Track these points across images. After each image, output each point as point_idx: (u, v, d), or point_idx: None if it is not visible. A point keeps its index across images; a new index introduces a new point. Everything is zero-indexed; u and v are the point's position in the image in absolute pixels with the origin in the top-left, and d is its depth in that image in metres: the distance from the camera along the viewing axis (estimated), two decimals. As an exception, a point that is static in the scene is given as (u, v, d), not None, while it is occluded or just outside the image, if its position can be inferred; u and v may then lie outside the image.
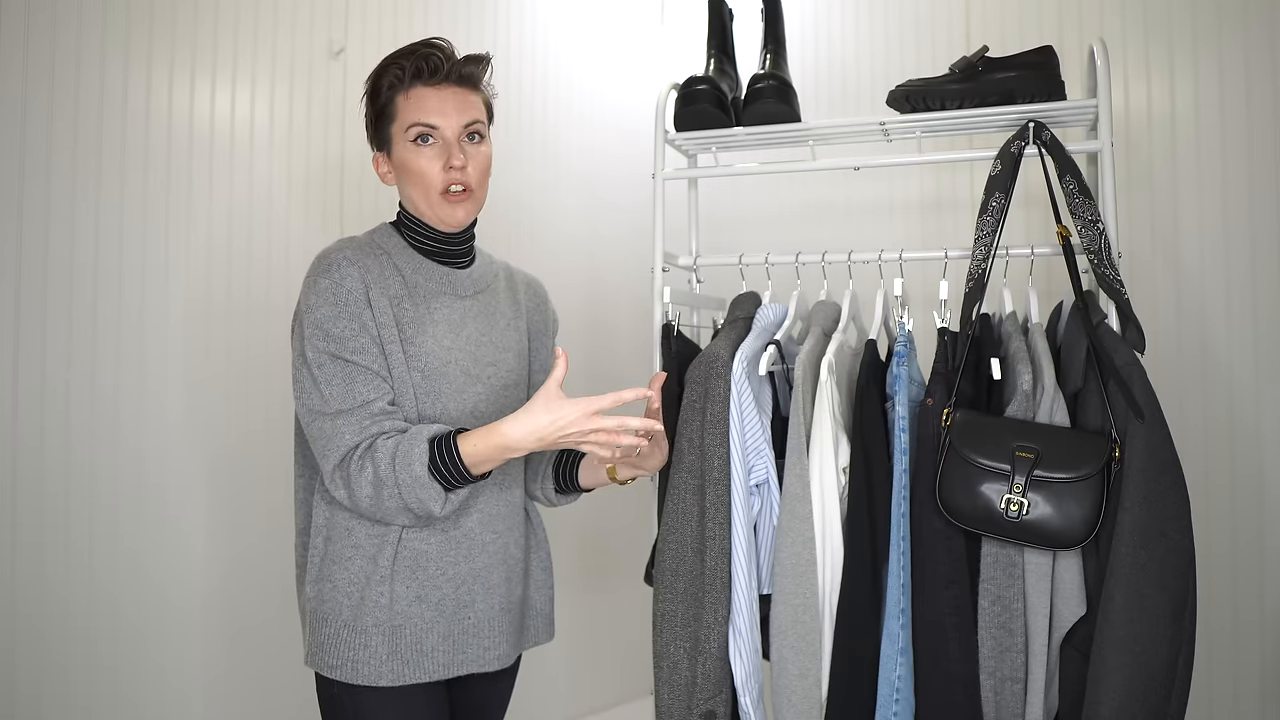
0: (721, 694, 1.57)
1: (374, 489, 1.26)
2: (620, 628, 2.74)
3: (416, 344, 1.35)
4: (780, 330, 1.72)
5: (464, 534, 1.38)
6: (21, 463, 1.69)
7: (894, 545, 1.51)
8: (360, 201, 2.19)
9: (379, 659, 1.31)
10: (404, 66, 1.37)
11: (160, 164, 1.87)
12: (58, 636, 1.72)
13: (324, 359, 1.29)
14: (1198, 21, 2.24)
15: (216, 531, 1.95)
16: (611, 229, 2.85)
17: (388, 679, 1.31)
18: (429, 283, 1.41)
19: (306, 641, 1.38)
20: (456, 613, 1.36)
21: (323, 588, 1.34)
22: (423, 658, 1.33)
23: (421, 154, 1.37)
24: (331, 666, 1.32)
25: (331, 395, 1.28)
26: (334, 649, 1.32)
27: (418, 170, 1.37)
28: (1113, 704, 1.35)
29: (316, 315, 1.30)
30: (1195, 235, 2.23)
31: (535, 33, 2.72)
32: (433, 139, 1.37)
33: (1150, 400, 1.40)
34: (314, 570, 1.36)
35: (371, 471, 1.26)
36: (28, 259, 1.70)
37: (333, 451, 1.28)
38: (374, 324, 1.31)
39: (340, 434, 1.27)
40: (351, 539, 1.34)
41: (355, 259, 1.34)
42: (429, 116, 1.36)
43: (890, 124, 1.82)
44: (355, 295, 1.31)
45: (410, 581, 1.33)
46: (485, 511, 1.40)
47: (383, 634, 1.31)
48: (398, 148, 1.39)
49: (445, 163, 1.36)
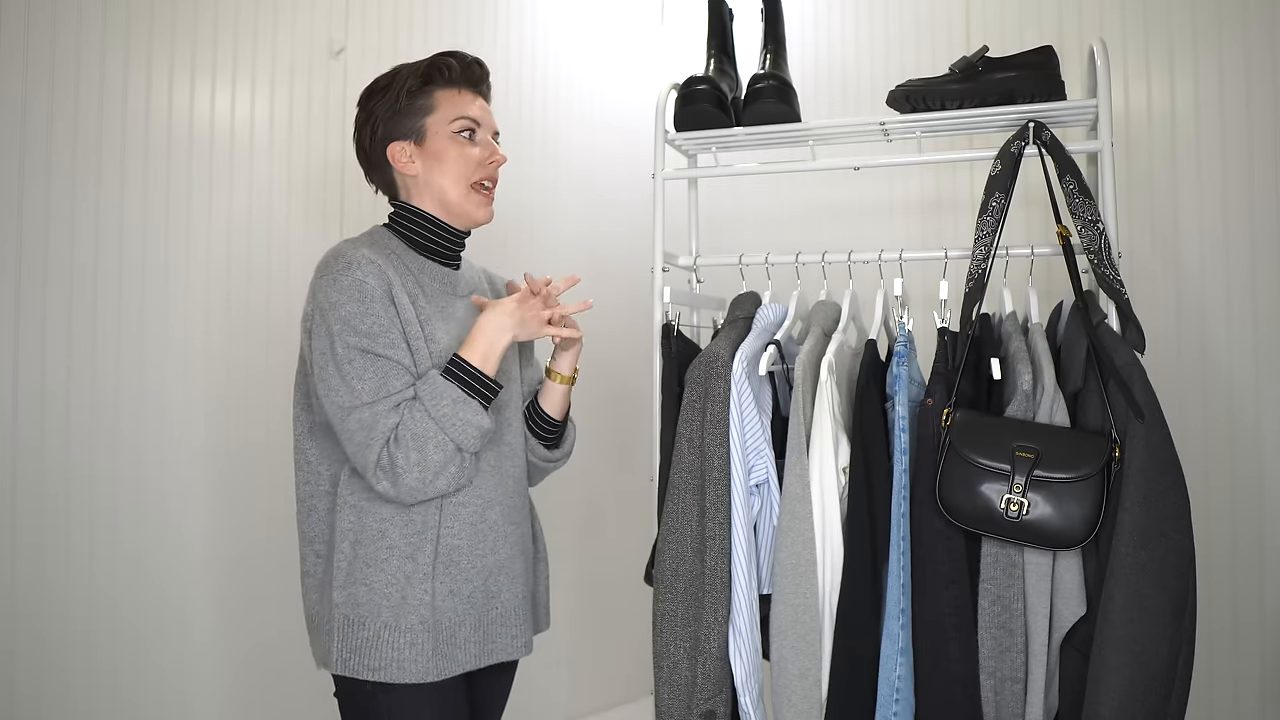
0: (721, 694, 1.57)
1: (418, 450, 1.29)
2: (620, 628, 2.74)
3: (437, 340, 1.39)
4: (780, 330, 1.72)
5: (489, 526, 1.41)
6: (21, 465, 1.69)
7: (894, 545, 1.51)
8: (360, 201, 2.19)
9: (425, 656, 1.33)
10: (452, 66, 1.45)
11: (160, 164, 1.87)
12: (57, 639, 1.72)
13: (354, 354, 1.30)
14: (1198, 21, 2.24)
15: (216, 534, 1.95)
16: (611, 229, 2.85)
17: (433, 674, 1.34)
18: (433, 281, 1.45)
19: (332, 646, 1.35)
20: (486, 603, 1.40)
21: (356, 591, 1.34)
22: (456, 650, 1.37)
23: (466, 146, 1.45)
24: (372, 668, 1.32)
25: (364, 389, 1.30)
26: (373, 651, 1.32)
27: (457, 160, 1.44)
28: (1113, 704, 1.35)
29: (343, 312, 1.31)
30: (1195, 235, 2.23)
31: (535, 33, 2.72)
32: (475, 135, 1.46)
33: (1150, 400, 1.40)
34: (341, 576, 1.35)
35: (409, 435, 1.29)
36: (27, 259, 1.70)
37: (374, 442, 1.29)
38: (399, 319, 1.34)
39: (378, 423, 1.30)
40: (385, 540, 1.34)
41: (371, 257, 1.35)
42: (476, 114, 1.47)
43: (890, 124, 1.82)
44: (379, 291, 1.33)
45: (444, 577, 1.36)
46: (504, 504, 1.44)
47: (426, 630, 1.34)
48: (435, 139, 1.44)
49: (488, 157, 1.46)
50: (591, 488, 2.69)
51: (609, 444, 2.65)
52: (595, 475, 2.64)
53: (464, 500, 1.38)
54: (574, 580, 2.62)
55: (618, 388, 2.61)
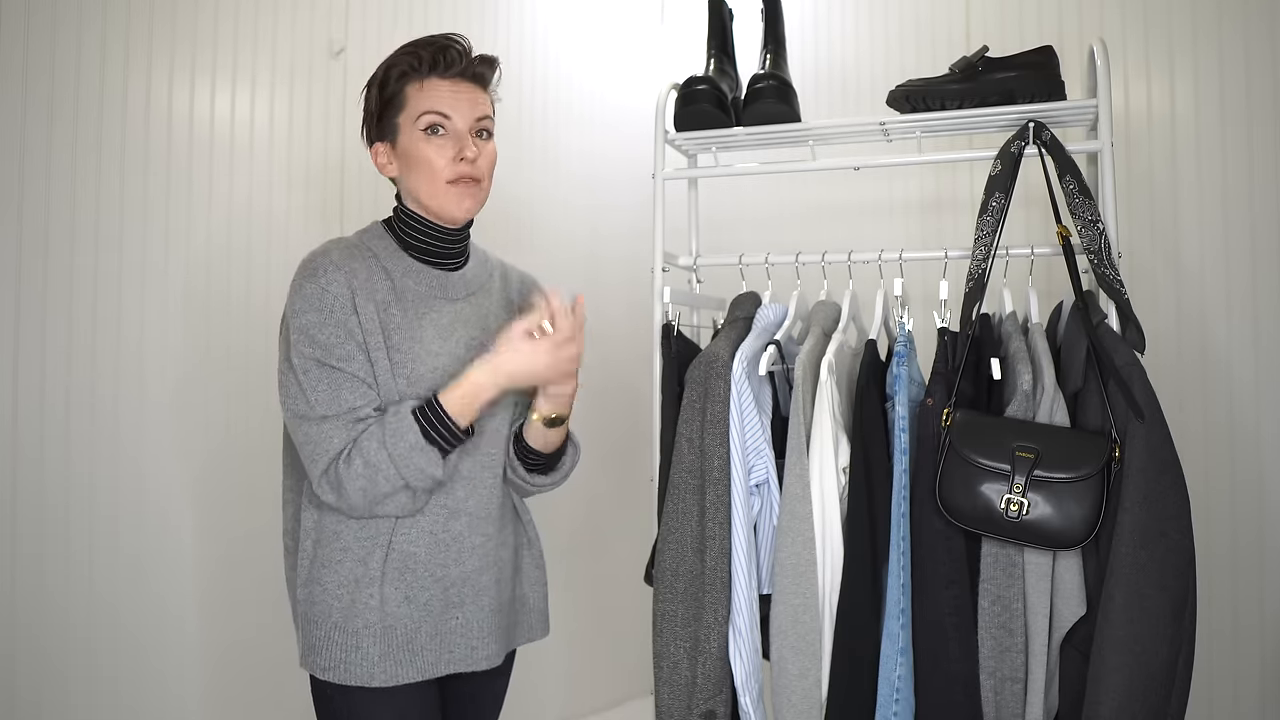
0: (721, 694, 1.57)
1: (367, 479, 1.26)
2: (620, 628, 2.74)
3: (403, 350, 1.34)
4: (780, 330, 1.72)
5: (453, 537, 1.37)
6: (21, 473, 1.68)
7: (894, 545, 1.51)
8: (360, 201, 2.19)
9: (371, 660, 1.31)
10: (420, 56, 1.35)
11: (160, 164, 1.87)
12: (57, 646, 1.72)
13: (310, 365, 1.29)
14: (1198, 21, 2.24)
15: (215, 540, 1.94)
16: (612, 229, 2.85)
17: (380, 679, 1.31)
18: (418, 286, 1.39)
19: (300, 644, 1.38)
20: (444, 613, 1.36)
21: (313, 590, 1.34)
22: (414, 657, 1.34)
23: (432, 143, 1.35)
24: (324, 668, 1.32)
25: (318, 401, 1.28)
26: (325, 651, 1.32)
27: (426, 159, 1.35)
28: (1113, 704, 1.35)
29: (302, 321, 1.29)
30: (1195, 235, 2.23)
31: (535, 33, 2.72)
32: (444, 130, 1.36)
33: (1150, 400, 1.40)
34: (304, 574, 1.36)
35: (361, 462, 1.26)
36: (27, 261, 1.70)
37: (321, 456, 1.28)
38: (360, 330, 1.31)
39: (328, 438, 1.27)
40: (340, 542, 1.33)
41: (341, 263, 1.32)
42: (442, 106, 1.35)
43: (890, 124, 1.82)
44: (341, 301, 1.30)
45: (399, 583, 1.33)
46: (473, 514, 1.39)
47: (373, 635, 1.32)
48: (405, 137, 1.37)
49: (456, 154, 1.35)
50: (591, 487, 2.69)
51: (609, 444, 2.65)
52: (595, 475, 2.64)
53: (425, 509, 1.35)
54: (574, 580, 2.62)
55: (617, 388, 2.61)
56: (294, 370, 1.29)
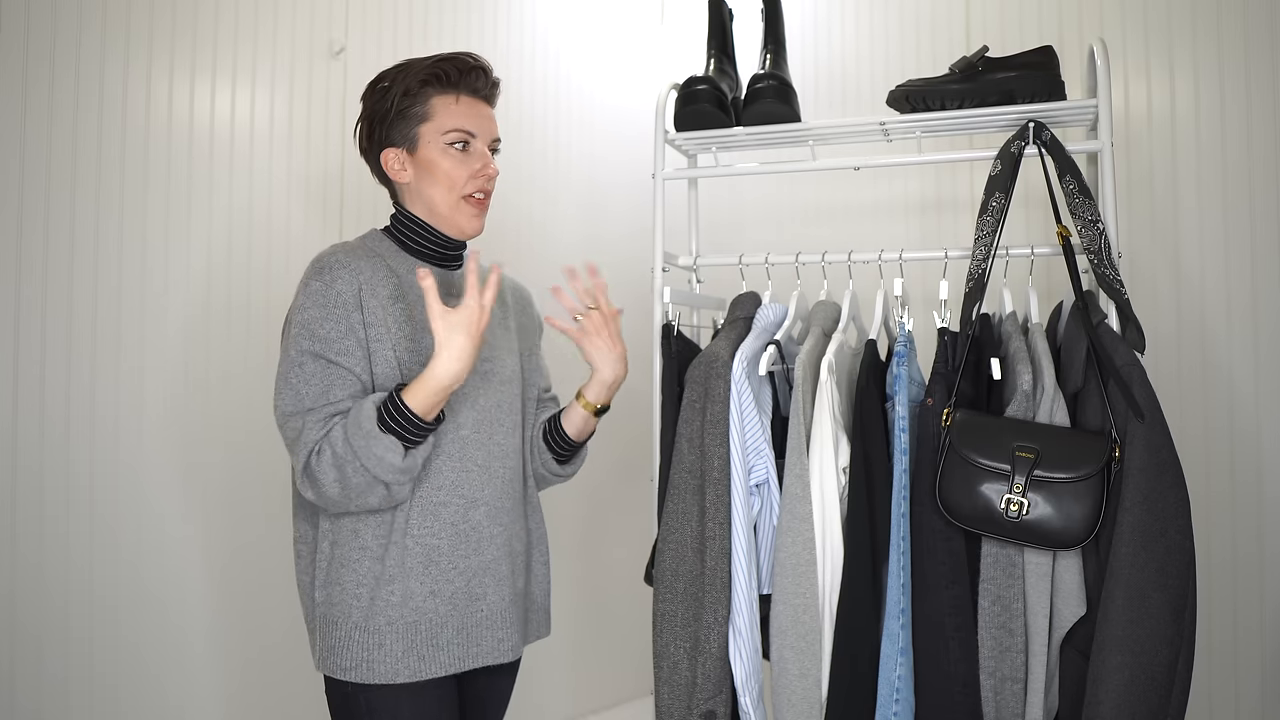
0: (721, 694, 1.57)
1: (337, 469, 1.26)
2: (620, 628, 2.74)
3: (412, 341, 1.37)
4: (780, 330, 1.72)
5: (472, 527, 1.40)
6: (21, 476, 1.68)
7: (894, 545, 1.51)
8: (360, 202, 2.19)
9: (394, 656, 1.33)
10: (448, 72, 1.41)
11: (160, 164, 1.87)
12: (57, 649, 1.72)
13: (306, 358, 1.30)
14: (1198, 21, 2.24)
15: (216, 544, 1.94)
16: (611, 229, 2.85)
17: (405, 675, 1.33)
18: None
19: (316, 647, 1.38)
20: (469, 605, 1.38)
21: (331, 592, 1.35)
22: (438, 652, 1.35)
23: (456, 158, 1.41)
24: (345, 669, 1.33)
25: (306, 394, 1.29)
26: (346, 651, 1.33)
27: (447, 172, 1.41)
28: (1113, 704, 1.35)
29: (305, 315, 1.32)
30: (1195, 235, 2.23)
31: (535, 34, 2.72)
32: (469, 147, 1.42)
33: (1150, 400, 1.40)
34: (321, 575, 1.37)
35: (330, 453, 1.27)
36: (27, 261, 1.70)
37: (301, 450, 1.29)
38: (363, 327, 1.33)
39: (308, 431, 1.29)
40: (358, 541, 1.35)
41: (348, 262, 1.35)
42: (470, 125, 1.42)
43: (890, 124, 1.82)
44: (345, 298, 1.32)
45: (424, 577, 1.35)
46: (491, 505, 1.42)
47: (396, 632, 1.33)
48: (427, 148, 1.41)
49: (479, 169, 1.42)
50: (592, 488, 2.69)
51: (609, 444, 2.65)
52: (595, 475, 2.64)
53: (445, 500, 1.37)
54: (574, 580, 2.62)
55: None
56: (289, 363, 1.31)
